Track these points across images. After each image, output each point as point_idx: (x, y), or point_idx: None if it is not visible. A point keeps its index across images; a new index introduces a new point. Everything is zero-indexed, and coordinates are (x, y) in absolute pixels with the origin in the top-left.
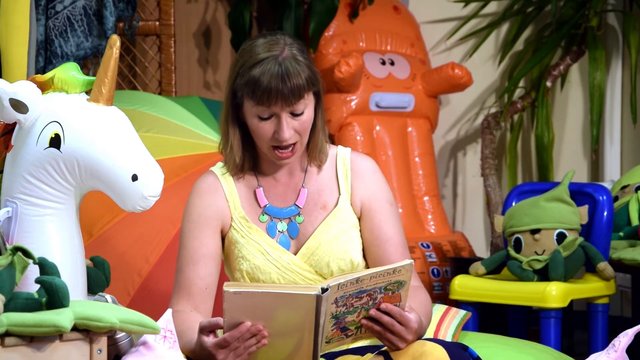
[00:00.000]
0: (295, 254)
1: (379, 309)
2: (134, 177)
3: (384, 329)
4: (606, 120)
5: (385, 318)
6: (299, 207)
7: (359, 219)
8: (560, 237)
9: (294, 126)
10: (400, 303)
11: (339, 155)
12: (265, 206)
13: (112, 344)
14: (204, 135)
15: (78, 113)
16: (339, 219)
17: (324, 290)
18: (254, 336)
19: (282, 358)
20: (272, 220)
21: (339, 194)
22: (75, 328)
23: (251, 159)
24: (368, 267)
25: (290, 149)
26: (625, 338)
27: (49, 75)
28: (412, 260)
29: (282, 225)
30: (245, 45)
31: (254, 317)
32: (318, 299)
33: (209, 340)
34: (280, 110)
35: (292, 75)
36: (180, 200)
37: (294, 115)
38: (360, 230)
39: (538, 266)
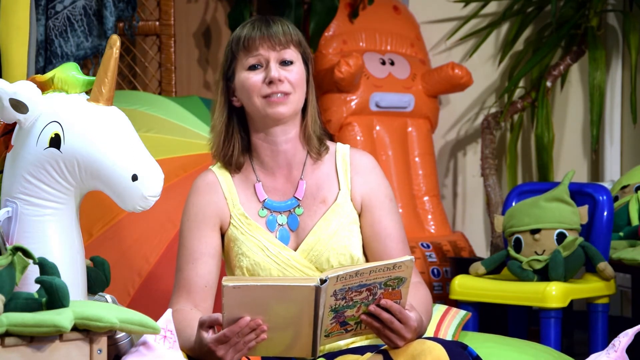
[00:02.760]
0: (295, 249)
1: (378, 305)
2: (134, 177)
3: (383, 325)
4: (606, 120)
5: (385, 315)
6: (298, 199)
7: (359, 215)
8: (560, 237)
9: (284, 75)
10: (401, 300)
11: (339, 151)
12: (264, 200)
13: (112, 344)
14: (204, 135)
15: (78, 113)
16: (339, 214)
17: (322, 281)
18: (253, 331)
19: (282, 351)
20: (271, 214)
21: (339, 190)
22: (75, 328)
23: (248, 153)
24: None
25: (283, 95)
26: (625, 338)
27: (49, 75)
28: (413, 257)
29: (281, 219)
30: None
31: (253, 311)
32: (317, 290)
33: (209, 336)
34: (268, 53)
35: (278, 21)
36: (180, 200)
37: (284, 64)
38: (360, 226)
39: (538, 266)
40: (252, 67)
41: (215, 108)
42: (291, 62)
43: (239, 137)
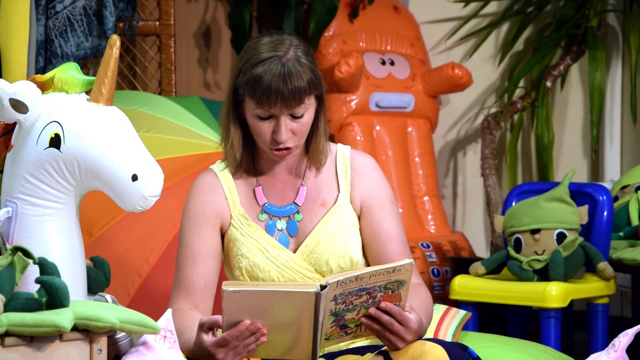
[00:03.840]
0: (294, 252)
1: (378, 308)
2: (134, 177)
3: (383, 328)
4: (606, 120)
5: (385, 317)
6: (297, 205)
7: (359, 217)
8: (560, 237)
9: (292, 128)
10: (400, 302)
11: (339, 153)
12: (264, 205)
13: (112, 344)
14: (204, 135)
15: (78, 113)
16: (338, 216)
17: (322, 287)
18: (253, 334)
19: (282, 353)
20: (271, 219)
21: (339, 192)
22: (75, 328)
23: (251, 156)
24: (368, 265)
25: (288, 149)
26: (625, 338)
27: (49, 75)
28: (413, 260)
29: (281, 224)
30: (250, 42)
31: (252, 315)
32: (317, 296)
33: (208, 339)
34: (280, 112)
35: (294, 77)
36: (180, 200)
37: (294, 117)
38: (360, 228)
39: (538, 266)
40: (262, 118)
41: (229, 121)
42: (301, 116)
43: (248, 145)
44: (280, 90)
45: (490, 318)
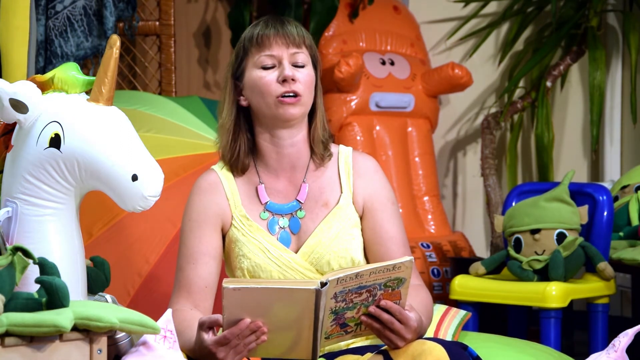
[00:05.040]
0: (295, 252)
1: (378, 306)
2: (134, 177)
3: (383, 326)
4: (606, 120)
5: (385, 315)
6: (300, 202)
7: (361, 218)
8: (560, 237)
9: (297, 76)
10: (400, 301)
11: (341, 153)
12: (266, 203)
13: (112, 344)
14: (204, 135)
15: (78, 113)
16: (340, 217)
17: (322, 284)
18: (254, 333)
19: (282, 352)
20: (273, 217)
21: (341, 193)
22: (75, 328)
23: (251, 154)
24: None
25: (295, 96)
26: (625, 338)
27: (49, 75)
28: (412, 257)
29: (283, 221)
30: None
31: (253, 313)
32: (317, 293)
33: (209, 338)
34: (282, 52)
35: (292, 22)
36: (180, 200)
37: (296, 66)
38: (362, 229)
39: (538, 266)
40: (265, 67)
41: (223, 107)
42: (303, 66)
43: (245, 138)
44: (278, 29)
45: (490, 318)
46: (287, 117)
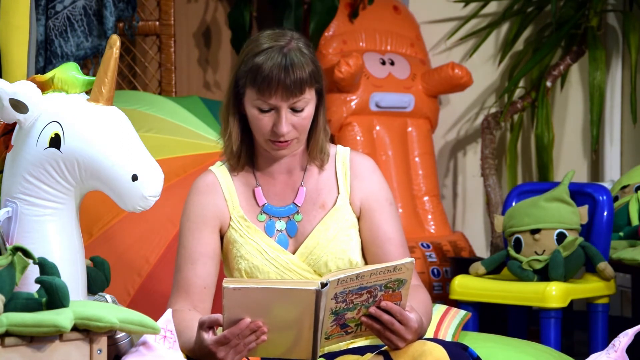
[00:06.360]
0: (293, 253)
1: (379, 307)
2: (134, 177)
3: (383, 327)
4: (606, 120)
5: (385, 316)
6: (297, 205)
7: (359, 219)
8: (560, 237)
9: (292, 122)
10: (401, 302)
11: (339, 154)
12: (263, 205)
13: (112, 344)
14: (204, 135)
15: (78, 113)
16: (338, 218)
17: (323, 285)
18: (254, 332)
19: (282, 352)
20: (270, 219)
21: (338, 193)
22: (75, 328)
23: (249, 153)
24: None
25: (287, 142)
26: (625, 338)
27: (49, 75)
28: (413, 259)
29: (280, 224)
30: (252, 36)
31: (253, 313)
32: (317, 294)
33: (209, 337)
34: (281, 103)
35: (296, 66)
36: (180, 200)
37: (294, 111)
38: (359, 230)
39: (538, 266)
40: (262, 110)
41: (228, 113)
42: (302, 110)
43: (246, 140)
44: (282, 79)
45: (490, 318)
46: (277, 156)
